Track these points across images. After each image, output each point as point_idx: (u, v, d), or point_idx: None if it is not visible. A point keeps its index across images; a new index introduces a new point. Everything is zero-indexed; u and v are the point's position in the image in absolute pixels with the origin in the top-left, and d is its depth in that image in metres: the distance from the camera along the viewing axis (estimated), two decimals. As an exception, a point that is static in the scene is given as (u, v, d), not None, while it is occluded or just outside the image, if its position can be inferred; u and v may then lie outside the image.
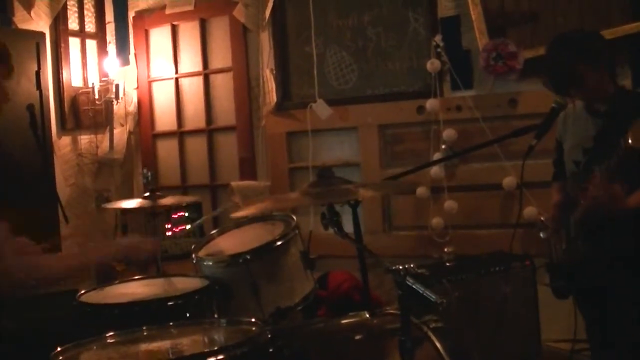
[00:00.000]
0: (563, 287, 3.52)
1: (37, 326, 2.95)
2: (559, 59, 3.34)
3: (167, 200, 4.19)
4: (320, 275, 4.91)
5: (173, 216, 5.59)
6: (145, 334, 2.51)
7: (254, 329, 2.40)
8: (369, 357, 2.67)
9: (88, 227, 6.07)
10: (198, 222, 5.49)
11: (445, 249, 4.65)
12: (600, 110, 3.32)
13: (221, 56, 6.29)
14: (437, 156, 5.12)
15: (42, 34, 5.73)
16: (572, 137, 3.46)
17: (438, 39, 5.18)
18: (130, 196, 6.25)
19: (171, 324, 2.57)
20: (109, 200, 6.05)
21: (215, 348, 2.22)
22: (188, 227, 5.56)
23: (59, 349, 2.32)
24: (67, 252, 3.21)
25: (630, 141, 2.89)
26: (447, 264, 4.54)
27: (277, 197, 3.47)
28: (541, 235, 3.68)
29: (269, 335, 2.32)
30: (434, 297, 2.14)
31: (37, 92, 5.57)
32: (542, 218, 3.73)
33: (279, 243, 3.26)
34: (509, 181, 4.94)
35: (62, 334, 2.54)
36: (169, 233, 5.55)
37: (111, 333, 2.49)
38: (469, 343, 3.89)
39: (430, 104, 5.18)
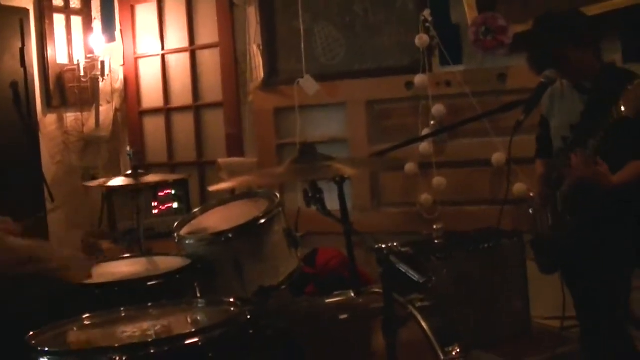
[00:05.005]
0: (549, 263, 3.51)
1: (12, 308, 2.88)
2: (541, 40, 3.32)
3: (153, 178, 4.14)
4: (309, 252, 4.89)
5: (159, 194, 5.54)
6: (123, 314, 2.47)
7: (232, 309, 2.35)
8: (354, 336, 2.64)
9: (74, 205, 6.03)
10: None
11: (434, 226, 4.62)
12: (587, 87, 3.29)
13: (208, 32, 6.22)
14: (425, 132, 5.05)
15: (26, 10, 5.67)
16: (560, 114, 3.43)
17: (427, 13, 5.09)
18: (117, 174, 6.17)
19: (150, 304, 2.53)
20: (95, 178, 5.98)
21: (193, 330, 2.17)
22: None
23: (35, 331, 2.26)
24: None
25: (623, 109, 2.87)
26: (436, 241, 4.52)
27: (261, 172, 3.40)
28: (530, 211, 3.65)
29: (249, 316, 2.27)
30: (417, 276, 2.09)
31: (22, 69, 5.53)
32: (531, 194, 3.70)
33: (262, 221, 3.19)
34: (498, 157, 4.89)
35: (40, 315, 2.49)
36: (155, 211, 5.50)
37: (88, 314, 2.44)
38: (458, 320, 3.86)
39: (419, 79, 5.11)
